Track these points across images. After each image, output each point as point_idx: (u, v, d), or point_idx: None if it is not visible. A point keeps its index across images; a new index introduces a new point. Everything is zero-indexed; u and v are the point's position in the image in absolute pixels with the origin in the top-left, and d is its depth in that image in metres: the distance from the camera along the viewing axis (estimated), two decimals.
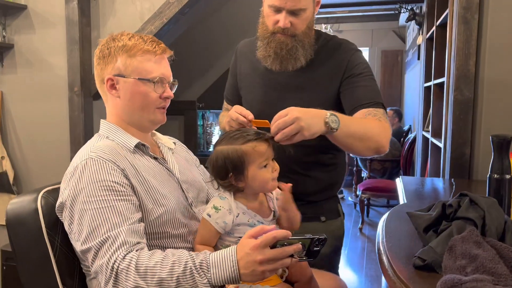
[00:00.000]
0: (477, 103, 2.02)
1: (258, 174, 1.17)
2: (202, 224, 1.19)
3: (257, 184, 1.18)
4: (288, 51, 1.43)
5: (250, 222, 1.20)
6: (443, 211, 1.06)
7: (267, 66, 1.50)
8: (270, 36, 1.44)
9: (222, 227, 1.16)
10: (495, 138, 1.18)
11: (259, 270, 0.95)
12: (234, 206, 1.18)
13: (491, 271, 0.75)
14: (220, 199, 1.19)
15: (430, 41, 3.39)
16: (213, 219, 1.16)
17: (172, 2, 2.46)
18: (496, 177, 1.18)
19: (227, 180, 1.18)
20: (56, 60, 2.68)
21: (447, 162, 2.16)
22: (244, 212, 1.19)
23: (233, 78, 1.68)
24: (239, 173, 1.16)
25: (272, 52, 1.45)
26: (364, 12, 6.74)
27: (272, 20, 1.43)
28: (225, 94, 1.76)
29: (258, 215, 1.22)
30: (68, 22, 2.58)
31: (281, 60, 1.46)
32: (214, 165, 1.20)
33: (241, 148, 1.16)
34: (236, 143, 1.17)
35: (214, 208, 1.17)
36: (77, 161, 1.11)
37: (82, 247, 1.04)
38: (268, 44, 1.45)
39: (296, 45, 1.43)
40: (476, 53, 1.99)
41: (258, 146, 1.17)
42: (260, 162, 1.17)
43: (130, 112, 1.20)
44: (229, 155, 1.16)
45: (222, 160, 1.17)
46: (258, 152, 1.16)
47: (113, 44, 1.19)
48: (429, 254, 0.91)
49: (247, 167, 1.16)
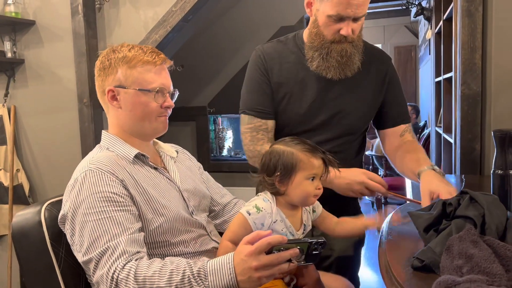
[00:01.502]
0: (485, 97, 1.98)
1: (303, 184, 1.18)
2: (237, 221, 1.19)
3: (298, 193, 1.18)
4: (349, 58, 1.42)
5: (283, 232, 1.20)
6: (443, 210, 1.05)
7: (327, 76, 1.44)
8: (330, 46, 1.41)
9: (258, 228, 1.16)
10: (497, 133, 1.15)
11: (255, 277, 0.95)
12: (275, 211, 1.18)
13: (485, 271, 0.74)
14: (264, 201, 1.19)
15: (438, 36, 3.34)
16: (252, 218, 1.16)
17: (175, 10, 2.49)
18: (499, 173, 1.15)
19: (272, 177, 1.18)
20: (65, 72, 2.74)
21: (457, 158, 2.12)
22: (282, 221, 1.19)
23: (267, 87, 1.50)
24: (285, 176, 1.17)
25: (334, 61, 1.41)
26: (375, 9, 6.67)
27: (333, 29, 1.39)
28: (250, 107, 1.51)
29: (292, 227, 1.22)
30: (75, 35, 2.63)
31: (342, 68, 1.43)
32: (265, 160, 1.21)
33: (298, 153, 1.18)
34: (294, 147, 1.19)
35: (256, 208, 1.17)
36: (77, 174, 1.13)
37: (84, 258, 1.06)
38: (328, 54, 1.41)
39: (354, 50, 1.42)
40: (482, 46, 1.95)
41: (313, 158, 1.18)
42: (309, 174, 1.18)
43: (131, 122, 1.22)
44: (284, 155, 1.18)
45: (275, 158, 1.18)
46: (311, 163, 1.17)
47: (113, 56, 1.21)
48: (427, 255, 0.90)
49: (295, 173, 1.17)
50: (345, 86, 1.48)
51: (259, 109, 1.50)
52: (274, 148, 1.22)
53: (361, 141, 1.60)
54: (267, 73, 1.50)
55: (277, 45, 1.53)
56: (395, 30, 7.65)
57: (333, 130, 1.49)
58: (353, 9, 1.33)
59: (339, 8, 1.34)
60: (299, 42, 1.52)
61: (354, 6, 1.33)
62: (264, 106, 1.50)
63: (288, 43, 1.52)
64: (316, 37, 1.42)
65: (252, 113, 1.51)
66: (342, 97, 1.48)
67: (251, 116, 1.51)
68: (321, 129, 1.49)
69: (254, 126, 1.50)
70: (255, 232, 1.00)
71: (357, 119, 1.52)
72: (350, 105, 1.49)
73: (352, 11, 1.34)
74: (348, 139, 1.53)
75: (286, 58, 1.49)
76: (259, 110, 1.50)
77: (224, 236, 1.20)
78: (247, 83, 1.54)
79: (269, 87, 1.50)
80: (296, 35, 1.55)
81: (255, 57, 1.53)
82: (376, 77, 1.53)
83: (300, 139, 1.24)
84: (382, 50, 1.60)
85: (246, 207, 1.18)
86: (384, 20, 7.44)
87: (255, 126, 1.49)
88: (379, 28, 7.68)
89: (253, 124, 1.50)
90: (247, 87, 1.54)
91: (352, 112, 1.50)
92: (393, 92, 1.57)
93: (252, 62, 1.54)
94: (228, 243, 1.17)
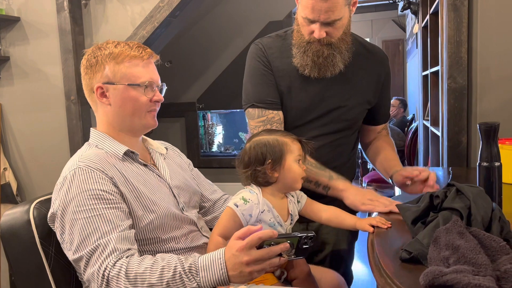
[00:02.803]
0: (471, 91, 2.00)
1: (294, 166, 1.23)
2: (226, 214, 1.20)
3: (291, 176, 1.23)
4: (325, 59, 1.41)
5: (271, 222, 1.21)
6: (430, 202, 1.06)
7: (305, 74, 1.45)
8: (306, 45, 1.41)
9: (246, 219, 1.18)
10: (482, 126, 1.17)
11: (246, 271, 0.96)
12: (262, 201, 1.20)
13: (471, 261, 0.75)
14: (250, 193, 1.21)
15: (425, 30, 3.36)
16: (240, 210, 1.18)
17: (162, 6, 2.47)
18: (485, 165, 1.17)
19: (264, 166, 1.21)
20: (51, 69, 2.70)
21: (445, 151, 2.15)
22: (269, 210, 1.21)
23: (272, 78, 1.48)
24: (276, 161, 1.21)
25: (310, 60, 1.42)
26: (363, 3, 6.70)
27: (307, 30, 1.39)
28: (260, 100, 1.48)
29: (280, 217, 1.23)
30: (61, 31, 2.60)
31: (319, 68, 1.43)
32: (251, 153, 1.23)
33: (282, 138, 1.23)
34: (275, 135, 1.24)
35: (243, 200, 1.19)
36: (66, 172, 1.12)
37: (74, 256, 1.06)
38: (304, 53, 1.42)
39: (333, 52, 1.41)
40: (467, 41, 1.97)
41: (295, 141, 1.25)
42: (296, 156, 1.23)
43: (121, 118, 1.21)
44: (269, 143, 1.22)
45: (262, 148, 1.21)
46: (295, 145, 1.24)
47: (99, 53, 1.20)
48: (415, 247, 0.91)
49: (285, 157, 1.22)
50: (345, 83, 1.49)
51: (269, 100, 1.46)
52: (256, 140, 1.24)
53: (356, 136, 1.63)
54: (270, 65, 1.48)
55: (277, 40, 1.53)
56: (383, 24, 7.68)
57: (332, 125, 1.51)
58: (319, 14, 1.32)
59: (306, 12, 1.34)
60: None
61: (318, 11, 1.31)
62: (272, 97, 1.47)
63: (287, 38, 1.51)
64: (297, 35, 1.44)
65: (262, 106, 1.46)
66: (341, 94, 1.49)
67: (262, 108, 1.46)
68: (320, 123, 1.51)
69: (267, 118, 1.45)
70: (245, 228, 1.01)
71: (356, 115, 1.55)
72: (350, 102, 1.50)
73: (318, 16, 1.33)
74: (346, 133, 1.55)
75: (285, 52, 1.48)
76: (269, 102, 1.46)
77: (214, 231, 1.20)
78: (251, 76, 1.51)
79: (274, 78, 1.48)
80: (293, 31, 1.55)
81: (255, 50, 1.51)
82: (375, 77, 1.55)
83: (271, 129, 1.30)
84: (381, 49, 1.62)
85: (233, 200, 1.20)
86: (371, 14, 7.47)
87: (268, 118, 1.45)
88: (367, 22, 7.71)
89: (265, 117, 1.45)
90: (252, 80, 1.50)
91: (352, 108, 1.51)
92: (385, 92, 1.60)
93: (252, 55, 1.51)
94: (218, 238, 1.18)
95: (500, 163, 1.16)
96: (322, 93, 1.48)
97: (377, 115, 1.63)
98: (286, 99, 1.49)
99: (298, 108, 1.49)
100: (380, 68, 1.56)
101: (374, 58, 1.55)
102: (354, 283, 1.74)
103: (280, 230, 1.23)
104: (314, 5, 1.31)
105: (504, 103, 1.94)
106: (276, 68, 1.48)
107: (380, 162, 1.59)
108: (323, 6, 1.31)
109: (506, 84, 1.94)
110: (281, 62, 1.49)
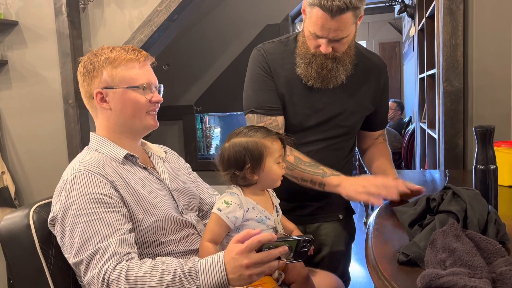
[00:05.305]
0: (467, 94, 2.02)
1: (273, 168, 1.22)
2: (212, 220, 1.21)
3: (271, 177, 1.23)
4: (329, 71, 1.43)
5: (258, 218, 1.22)
6: (427, 205, 1.08)
7: (308, 84, 1.47)
8: (311, 57, 1.43)
9: (232, 221, 1.18)
10: (478, 129, 1.18)
11: (246, 274, 0.96)
12: (244, 201, 1.21)
13: (468, 263, 0.76)
14: (231, 195, 1.22)
15: (421, 33, 3.39)
16: (224, 213, 1.18)
17: (160, 9, 2.48)
18: (481, 168, 1.18)
19: (243, 171, 1.20)
20: (50, 73, 2.71)
21: (441, 153, 2.16)
22: (254, 207, 1.22)
23: (272, 84, 1.50)
24: (256, 165, 1.20)
25: (314, 72, 1.43)
26: None
27: (314, 44, 1.40)
28: (258, 106, 1.49)
29: (266, 211, 1.25)
30: (59, 35, 2.61)
31: (322, 79, 1.45)
32: (230, 156, 1.22)
33: (261, 140, 1.21)
34: (255, 136, 1.22)
35: (225, 203, 1.19)
36: (67, 175, 1.13)
37: (74, 260, 1.06)
38: (309, 64, 1.44)
39: (337, 65, 1.43)
40: (463, 44, 1.99)
41: (275, 141, 1.23)
42: (276, 158, 1.23)
43: (122, 121, 1.22)
44: (248, 146, 1.20)
45: (241, 152, 1.20)
46: (274, 147, 1.22)
47: (95, 59, 1.21)
48: (412, 249, 0.92)
49: (264, 160, 1.21)
50: (345, 90, 1.51)
51: (268, 106, 1.48)
52: (235, 142, 1.23)
53: (353, 141, 1.65)
54: (270, 71, 1.50)
55: (279, 46, 1.54)
56: (379, 26, 7.72)
57: (330, 131, 1.52)
58: (328, 32, 1.34)
59: (315, 28, 1.35)
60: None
61: (327, 30, 1.33)
62: (272, 103, 1.49)
63: (289, 44, 1.52)
64: (303, 46, 1.45)
65: (261, 112, 1.49)
66: (341, 101, 1.51)
67: (260, 115, 1.49)
68: (319, 129, 1.52)
69: (265, 125, 1.47)
70: (245, 231, 1.02)
71: (355, 121, 1.57)
72: (349, 109, 1.53)
73: (327, 34, 1.34)
74: (344, 138, 1.57)
75: (287, 59, 1.50)
76: (268, 108, 1.48)
77: (203, 237, 1.21)
78: (251, 82, 1.52)
79: (274, 83, 1.49)
80: (296, 37, 1.55)
81: (257, 55, 1.52)
82: (375, 85, 1.57)
83: (253, 126, 1.28)
84: (379, 57, 1.64)
85: (216, 205, 1.21)
86: (368, 17, 7.51)
87: (266, 124, 1.47)
88: (364, 24, 7.75)
89: (263, 123, 1.48)
90: (252, 86, 1.52)
91: (351, 115, 1.54)
92: (383, 101, 1.63)
93: (253, 61, 1.53)
94: (208, 243, 1.19)
95: (496, 166, 1.17)
96: (323, 100, 1.50)
97: (374, 121, 1.65)
98: (286, 104, 1.51)
99: (297, 114, 1.51)
100: (379, 75, 1.58)
101: (373, 66, 1.57)
102: (352, 285, 1.74)
103: (269, 223, 1.24)
104: (323, 23, 1.32)
105: (499, 106, 1.96)
106: (277, 74, 1.49)
107: (374, 171, 1.61)
108: (333, 26, 1.32)
109: (501, 87, 1.96)
110: (282, 68, 1.50)
